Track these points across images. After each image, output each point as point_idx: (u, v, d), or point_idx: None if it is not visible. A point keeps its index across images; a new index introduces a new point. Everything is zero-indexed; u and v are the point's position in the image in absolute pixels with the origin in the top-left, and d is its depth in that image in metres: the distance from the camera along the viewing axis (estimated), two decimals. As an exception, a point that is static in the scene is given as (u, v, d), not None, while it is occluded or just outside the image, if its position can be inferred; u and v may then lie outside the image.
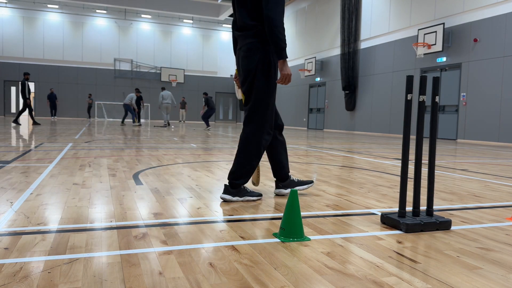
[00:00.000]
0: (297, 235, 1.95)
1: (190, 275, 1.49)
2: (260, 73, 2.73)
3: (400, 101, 15.27)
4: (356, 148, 8.49)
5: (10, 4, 26.00)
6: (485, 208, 2.82)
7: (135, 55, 28.76)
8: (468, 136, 12.55)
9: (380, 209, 2.69)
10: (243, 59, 2.77)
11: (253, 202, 2.78)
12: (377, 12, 16.49)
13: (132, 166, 4.50)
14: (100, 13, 27.78)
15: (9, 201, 2.60)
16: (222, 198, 2.78)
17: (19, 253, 1.67)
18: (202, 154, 6.08)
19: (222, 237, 1.97)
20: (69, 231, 2.00)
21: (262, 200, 2.88)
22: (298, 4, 22.90)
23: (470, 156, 7.16)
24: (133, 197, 2.84)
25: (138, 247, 1.77)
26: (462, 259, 1.74)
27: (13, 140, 7.81)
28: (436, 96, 2.20)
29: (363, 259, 1.71)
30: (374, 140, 12.21)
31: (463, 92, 12.71)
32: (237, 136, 12.10)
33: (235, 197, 2.77)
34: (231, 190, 2.78)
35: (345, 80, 17.71)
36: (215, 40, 30.71)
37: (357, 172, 4.52)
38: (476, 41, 12.21)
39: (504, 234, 2.16)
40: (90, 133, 10.83)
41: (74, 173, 3.85)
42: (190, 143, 8.44)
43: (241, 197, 2.80)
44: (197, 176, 3.92)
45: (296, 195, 1.94)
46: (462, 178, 4.27)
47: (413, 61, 14.61)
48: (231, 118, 32.49)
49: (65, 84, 27.32)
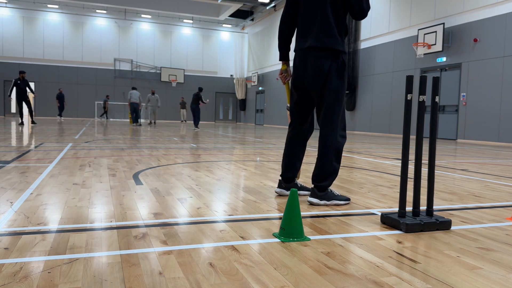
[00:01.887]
0: (297, 235, 1.95)
1: (190, 275, 1.49)
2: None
3: (400, 101, 15.27)
4: (356, 148, 8.50)
5: (10, 4, 25.99)
6: (485, 208, 2.82)
7: (135, 55, 28.76)
8: (468, 136, 12.55)
9: (380, 209, 2.69)
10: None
11: (253, 203, 2.78)
12: (377, 12, 16.49)
13: (132, 166, 4.50)
14: (100, 13, 27.77)
15: (9, 201, 2.60)
16: (309, 201, 2.76)
17: (19, 253, 1.67)
18: (202, 154, 6.08)
19: (222, 237, 1.97)
20: (69, 231, 2.00)
21: (262, 200, 2.88)
22: (298, 4, 22.88)
23: (470, 156, 7.16)
24: (133, 197, 2.84)
25: (138, 247, 1.77)
26: (462, 259, 1.74)
27: (13, 140, 7.81)
28: (436, 96, 2.20)
29: (363, 259, 1.71)
30: (374, 140, 12.20)
31: (463, 92, 12.71)
32: (237, 136, 12.10)
33: (322, 201, 2.74)
34: (318, 194, 2.74)
35: (345, 80, 17.70)
36: (215, 40, 30.70)
37: (357, 172, 4.52)
38: (476, 41, 12.21)
39: (504, 234, 2.16)
40: (90, 133, 10.84)
41: (74, 173, 3.85)
42: (190, 143, 8.44)
43: (329, 201, 2.75)
44: (197, 176, 3.92)
45: (296, 195, 1.94)
46: (462, 178, 4.27)
47: (413, 61, 14.61)
48: (231, 118, 32.49)
49: (65, 84, 27.31)
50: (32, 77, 26.55)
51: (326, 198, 2.75)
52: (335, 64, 2.72)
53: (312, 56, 2.74)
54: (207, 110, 31.02)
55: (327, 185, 2.75)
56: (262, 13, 27.41)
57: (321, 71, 2.71)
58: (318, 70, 2.72)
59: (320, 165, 2.75)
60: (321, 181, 2.74)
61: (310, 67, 2.75)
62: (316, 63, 2.72)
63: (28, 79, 26.50)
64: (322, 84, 2.74)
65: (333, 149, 2.75)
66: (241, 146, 8.14)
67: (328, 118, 2.75)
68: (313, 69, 2.73)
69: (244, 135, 12.62)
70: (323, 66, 2.71)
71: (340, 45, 2.72)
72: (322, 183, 2.74)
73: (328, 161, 2.74)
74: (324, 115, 2.76)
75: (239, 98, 30.81)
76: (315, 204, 2.74)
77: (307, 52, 2.77)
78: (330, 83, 2.72)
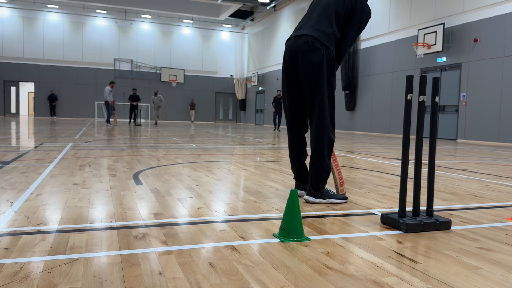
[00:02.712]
0: (297, 235, 1.95)
1: (190, 275, 1.49)
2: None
3: (400, 101, 15.27)
4: (356, 148, 8.49)
5: (10, 4, 25.99)
6: (485, 208, 2.82)
7: (135, 55, 28.75)
8: (468, 136, 12.55)
9: (380, 209, 2.69)
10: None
11: (253, 203, 2.78)
12: (377, 12, 16.49)
13: (132, 166, 4.50)
14: (100, 13, 27.77)
15: (9, 201, 2.60)
16: (306, 200, 2.79)
17: (19, 253, 1.67)
18: (202, 154, 6.08)
19: (222, 237, 1.97)
20: (69, 231, 2.00)
21: (262, 200, 2.88)
22: (298, 4, 22.90)
23: (470, 156, 7.16)
24: (133, 197, 2.84)
25: (138, 247, 1.77)
26: (462, 259, 1.74)
27: (13, 140, 7.81)
28: (436, 96, 2.20)
29: (363, 259, 1.71)
30: (374, 140, 12.20)
31: (463, 92, 12.71)
32: (237, 136, 12.10)
33: (318, 199, 2.77)
34: (314, 192, 2.77)
35: (345, 80, 17.71)
36: (215, 40, 30.70)
37: (357, 172, 4.52)
38: (476, 41, 12.21)
39: (504, 234, 2.16)
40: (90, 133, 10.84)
41: (74, 173, 3.85)
42: (190, 143, 8.44)
43: (324, 199, 2.78)
44: (197, 176, 3.92)
45: (296, 195, 1.94)
46: (462, 178, 4.27)
47: (413, 61, 14.61)
48: (231, 118, 32.48)
49: (65, 84, 27.31)
50: (32, 77, 26.55)
51: (322, 196, 2.77)
52: (327, 58, 2.72)
53: (305, 44, 2.73)
54: (208, 110, 31.02)
55: (323, 183, 2.77)
56: (262, 13, 27.40)
57: (313, 64, 2.71)
58: (310, 61, 2.72)
59: (316, 164, 2.76)
60: (317, 180, 2.75)
61: (301, 54, 2.75)
62: (308, 54, 2.72)
63: (28, 79, 26.53)
64: (315, 76, 2.72)
65: (327, 147, 2.77)
66: (241, 146, 8.14)
67: (321, 115, 2.75)
68: (304, 58, 2.73)
69: (244, 135, 12.62)
70: (315, 58, 2.70)
71: (332, 45, 2.76)
72: (318, 182, 2.76)
73: (323, 159, 2.76)
74: (318, 112, 2.75)
75: (239, 98, 30.80)
76: (311, 202, 2.77)
77: (299, 38, 2.78)
78: (323, 77, 2.72)
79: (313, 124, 2.80)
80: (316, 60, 2.71)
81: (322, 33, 2.75)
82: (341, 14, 2.79)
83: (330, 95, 2.77)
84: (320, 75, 2.72)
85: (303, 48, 2.74)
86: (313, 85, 2.74)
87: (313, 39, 2.73)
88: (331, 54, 2.76)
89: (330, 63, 2.75)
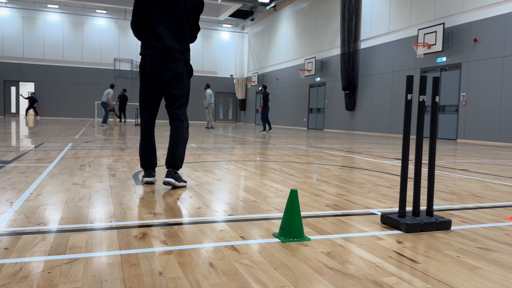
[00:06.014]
0: (297, 235, 1.95)
1: (190, 275, 1.49)
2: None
3: (400, 101, 15.27)
4: (356, 148, 8.49)
5: (10, 4, 25.99)
6: (485, 208, 2.82)
7: (135, 55, 28.75)
8: (468, 136, 12.55)
9: (380, 209, 2.69)
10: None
11: (253, 203, 2.78)
12: (377, 12, 16.49)
13: (132, 166, 4.50)
14: (100, 13, 27.77)
15: (9, 201, 2.60)
16: (168, 182, 3.11)
17: (19, 253, 1.67)
18: (202, 154, 6.08)
19: (222, 237, 1.97)
20: (69, 231, 2.00)
21: (262, 200, 2.88)
22: (298, 4, 22.90)
23: (470, 156, 7.16)
24: (133, 197, 2.84)
25: (138, 247, 1.77)
26: (462, 259, 1.74)
27: (13, 140, 7.81)
28: (436, 96, 2.20)
29: (363, 259, 1.71)
30: (374, 140, 12.20)
31: (463, 92, 12.71)
32: (237, 136, 12.10)
33: (179, 182, 3.19)
34: (176, 176, 3.18)
35: (345, 80, 17.71)
36: (215, 40, 30.71)
37: (357, 172, 4.52)
38: (476, 41, 12.21)
39: (504, 234, 2.16)
40: (90, 133, 10.83)
41: (74, 173, 3.85)
42: (190, 143, 8.44)
43: (179, 182, 3.19)
44: (197, 176, 3.92)
45: (296, 195, 1.94)
46: (462, 178, 4.27)
47: (413, 61, 14.61)
48: (231, 118, 32.49)
49: (65, 84, 27.32)
50: (32, 77, 26.55)
51: (179, 179, 3.21)
52: (186, 69, 3.32)
53: (171, 59, 3.23)
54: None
55: (180, 168, 3.25)
56: (262, 13, 27.40)
57: (178, 74, 3.25)
58: (176, 72, 3.24)
59: (177, 151, 3.22)
60: (178, 165, 3.20)
61: (168, 69, 3.23)
62: (175, 65, 3.24)
63: (28, 79, 26.53)
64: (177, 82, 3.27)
65: (185, 138, 3.30)
66: (241, 146, 8.14)
67: (181, 112, 3.31)
68: (172, 71, 3.24)
69: (244, 135, 12.62)
70: (179, 69, 3.25)
71: (188, 55, 3.35)
72: (179, 167, 3.22)
73: (183, 147, 3.27)
74: (178, 109, 3.29)
75: (239, 98, 30.80)
76: (172, 184, 3.14)
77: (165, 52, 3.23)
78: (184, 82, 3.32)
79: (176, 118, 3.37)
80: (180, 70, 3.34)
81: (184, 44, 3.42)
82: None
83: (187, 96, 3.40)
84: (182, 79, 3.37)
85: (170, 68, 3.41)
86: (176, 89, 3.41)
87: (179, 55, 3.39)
88: (189, 64, 3.44)
89: (189, 72, 3.42)
